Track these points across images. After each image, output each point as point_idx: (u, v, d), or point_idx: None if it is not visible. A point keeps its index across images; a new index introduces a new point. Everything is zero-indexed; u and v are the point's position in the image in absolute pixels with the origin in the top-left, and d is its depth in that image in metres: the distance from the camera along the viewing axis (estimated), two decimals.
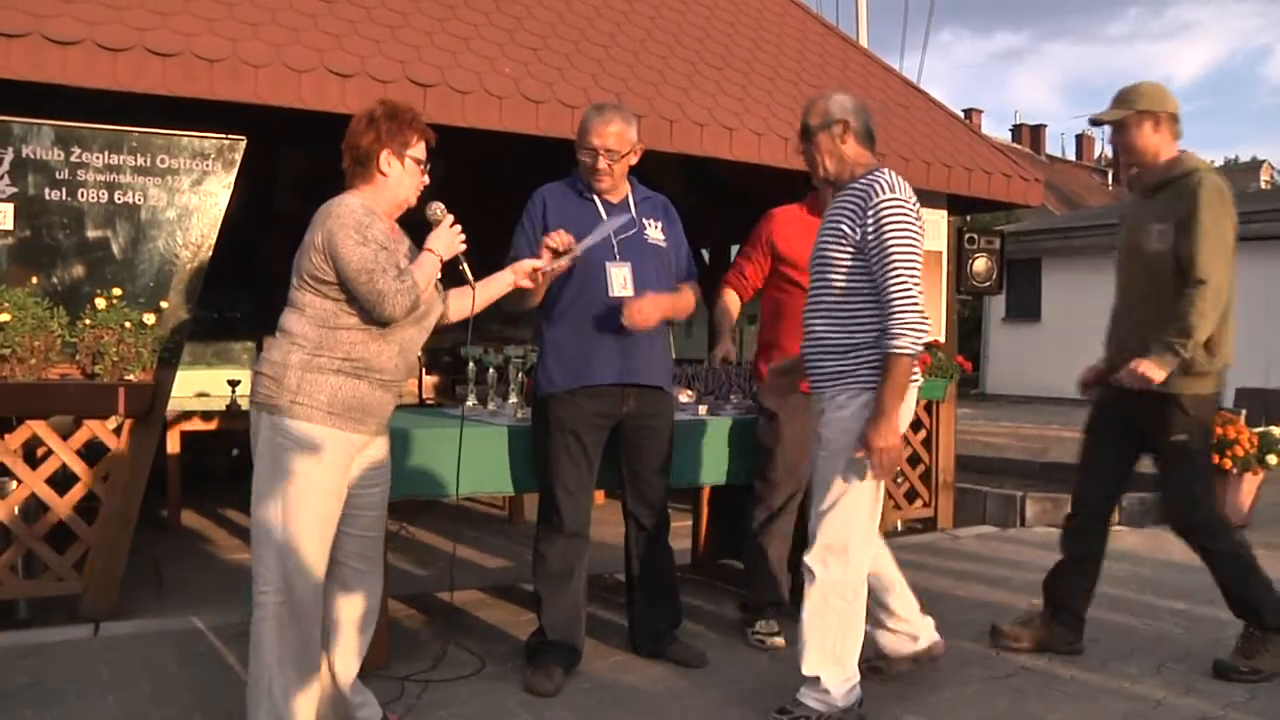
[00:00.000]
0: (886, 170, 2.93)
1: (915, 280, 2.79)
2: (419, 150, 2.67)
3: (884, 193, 2.82)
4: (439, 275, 2.71)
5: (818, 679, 2.87)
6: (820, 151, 2.99)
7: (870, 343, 2.86)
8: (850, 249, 2.86)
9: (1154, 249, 3.40)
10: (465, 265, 2.78)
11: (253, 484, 2.53)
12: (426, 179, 2.71)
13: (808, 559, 2.92)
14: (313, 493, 2.50)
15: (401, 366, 2.65)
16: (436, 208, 2.75)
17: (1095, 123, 3.61)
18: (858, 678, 2.93)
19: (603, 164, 3.25)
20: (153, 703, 3.00)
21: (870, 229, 2.82)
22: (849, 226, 2.86)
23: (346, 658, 2.71)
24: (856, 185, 2.90)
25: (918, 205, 2.88)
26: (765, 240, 3.87)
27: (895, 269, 2.78)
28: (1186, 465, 3.44)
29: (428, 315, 2.71)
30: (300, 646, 2.52)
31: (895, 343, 2.77)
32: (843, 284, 2.89)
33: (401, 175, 2.64)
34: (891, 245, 2.78)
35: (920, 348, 2.82)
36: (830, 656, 2.88)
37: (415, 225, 2.77)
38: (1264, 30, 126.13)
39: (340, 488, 2.57)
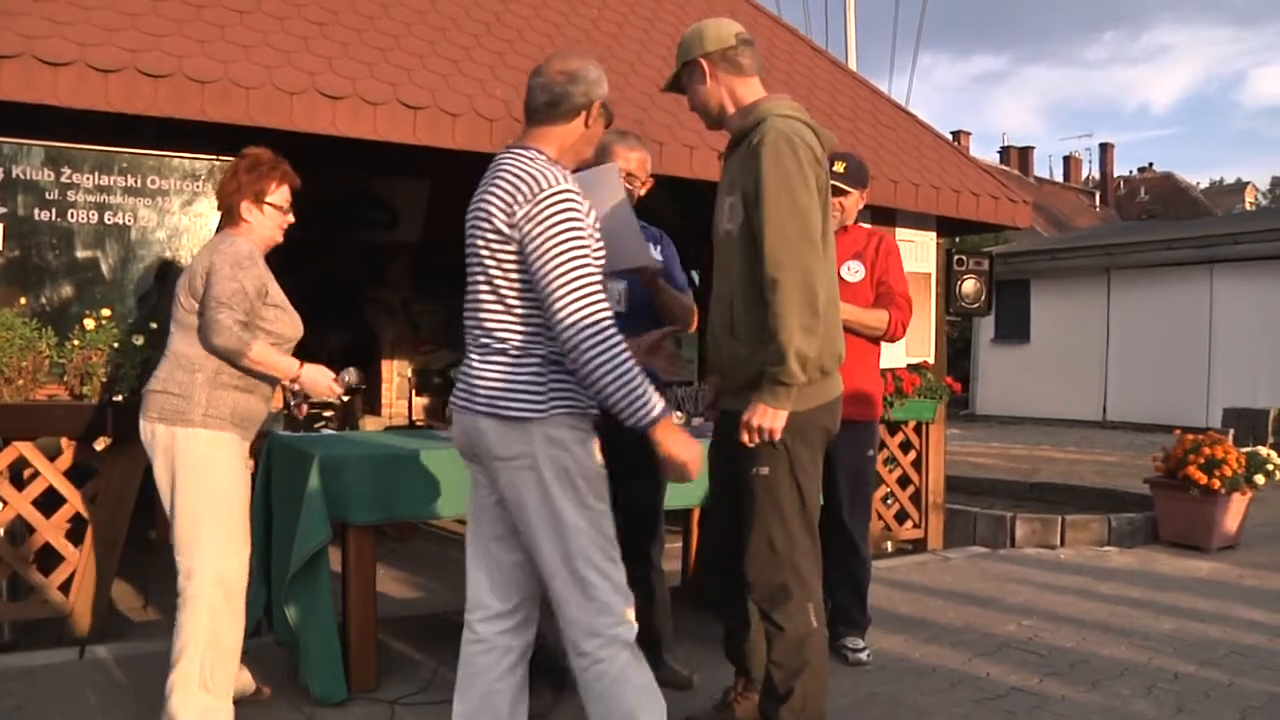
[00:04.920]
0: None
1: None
2: (279, 196, 3.00)
3: None
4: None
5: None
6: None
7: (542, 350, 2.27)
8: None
9: (724, 230, 2.61)
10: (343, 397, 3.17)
11: (174, 495, 2.80)
12: (291, 218, 3.05)
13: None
14: (236, 487, 2.88)
15: (274, 382, 3.03)
16: (349, 374, 3.14)
17: (668, 90, 2.86)
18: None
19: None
20: None
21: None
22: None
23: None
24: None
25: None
26: None
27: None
28: (768, 508, 2.58)
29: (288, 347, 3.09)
30: (230, 629, 2.83)
31: None
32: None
33: (262, 219, 2.98)
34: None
35: None
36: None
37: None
38: (1239, 56, 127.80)
39: (249, 482, 2.98)
